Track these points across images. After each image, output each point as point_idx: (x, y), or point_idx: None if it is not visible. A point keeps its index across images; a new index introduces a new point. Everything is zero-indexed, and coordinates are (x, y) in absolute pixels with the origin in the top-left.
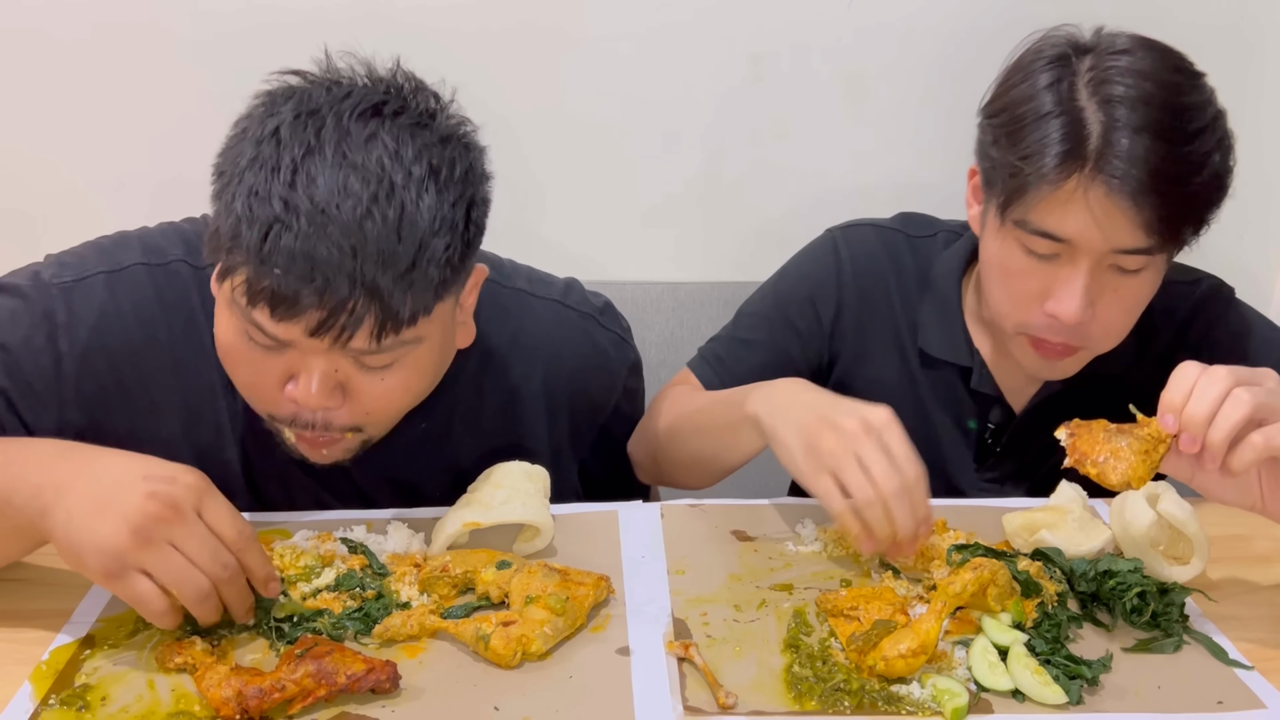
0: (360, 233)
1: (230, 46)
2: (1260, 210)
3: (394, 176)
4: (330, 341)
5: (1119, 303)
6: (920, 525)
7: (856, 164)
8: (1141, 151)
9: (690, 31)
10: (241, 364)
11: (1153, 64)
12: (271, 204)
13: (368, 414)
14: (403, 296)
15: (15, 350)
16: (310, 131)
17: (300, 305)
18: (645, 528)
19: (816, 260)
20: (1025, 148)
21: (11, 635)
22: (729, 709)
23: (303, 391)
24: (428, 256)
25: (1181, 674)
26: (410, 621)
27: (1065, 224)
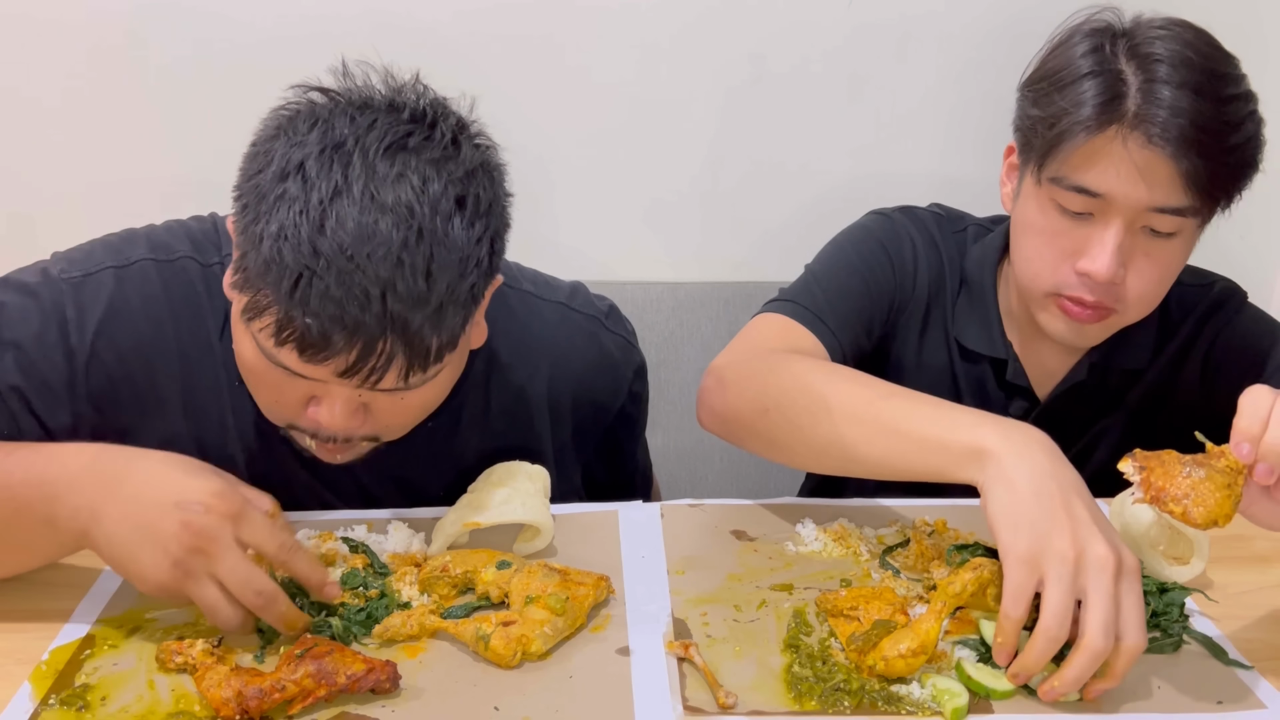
0: (392, 277)
1: (233, 48)
2: (1260, 210)
3: (422, 218)
4: (359, 383)
5: (1151, 267)
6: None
7: (857, 164)
8: (1183, 105)
9: (691, 32)
10: (263, 386)
11: (1190, 37)
12: (301, 249)
13: (387, 426)
14: (431, 336)
15: (29, 348)
16: (338, 170)
17: (330, 350)
18: (645, 528)
19: (885, 235)
20: (1066, 101)
21: (11, 635)
22: (729, 709)
23: (326, 416)
24: (454, 297)
25: (1181, 674)
26: (410, 621)
27: (1101, 178)
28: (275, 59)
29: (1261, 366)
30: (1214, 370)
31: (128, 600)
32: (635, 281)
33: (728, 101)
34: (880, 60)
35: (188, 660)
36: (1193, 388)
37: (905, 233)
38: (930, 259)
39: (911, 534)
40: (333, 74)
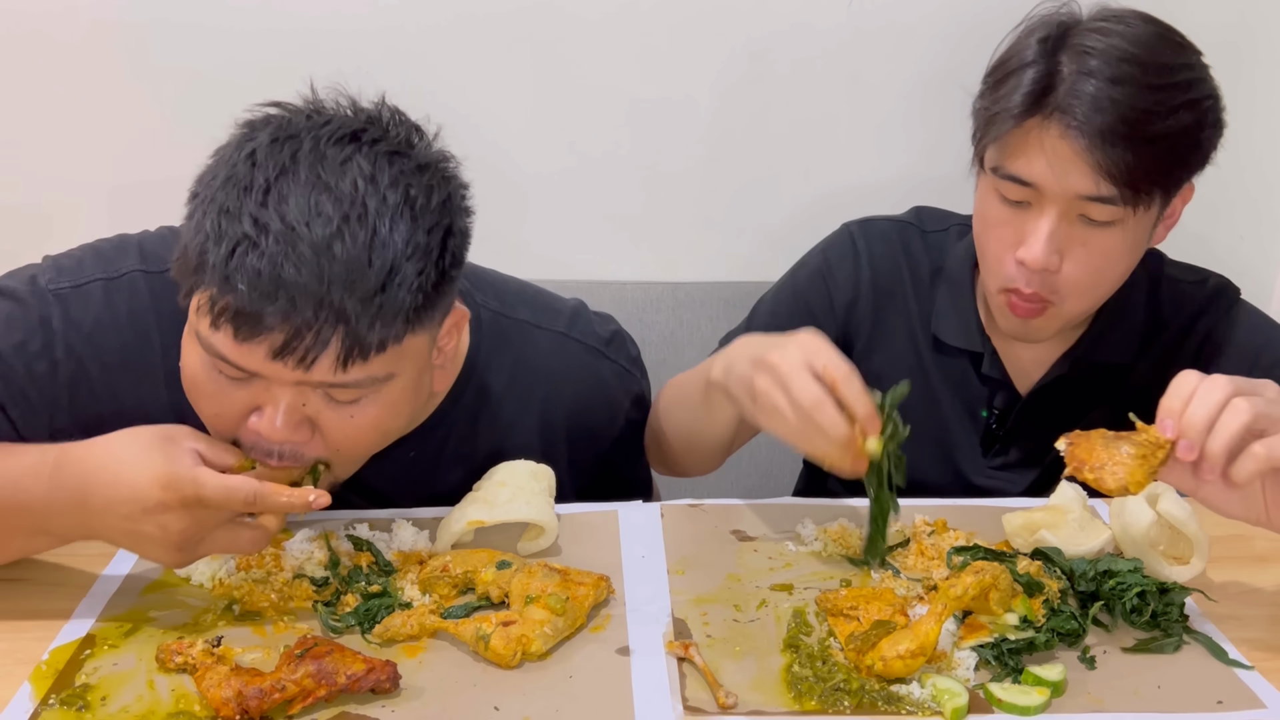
0: (329, 253)
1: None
2: (1260, 210)
3: (367, 200)
4: (294, 365)
5: (1088, 256)
6: (865, 422)
7: (856, 163)
8: (1104, 99)
9: (691, 32)
10: (205, 396)
11: (1142, 31)
12: (241, 221)
13: (337, 450)
14: (370, 321)
15: (9, 357)
16: (286, 153)
17: (263, 325)
18: (645, 528)
19: (833, 251)
20: (1002, 92)
21: (11, 635)
22: (729, 709)
23: (267, 424)
24: (398, 281)
25: (1181, 674)
26: (410, 621)
27: (1026, 166)
28: (277, 60)
29: (1253, 363)
30: (1204, 367)
31: (128, 600)
32: (635, 281)
33: (728, 101)
34: (880, 60)
35: (188, 660)
36: None
37: (853, 247)
38: (885, 266)
39: (911, 534)
40: (300, 98)
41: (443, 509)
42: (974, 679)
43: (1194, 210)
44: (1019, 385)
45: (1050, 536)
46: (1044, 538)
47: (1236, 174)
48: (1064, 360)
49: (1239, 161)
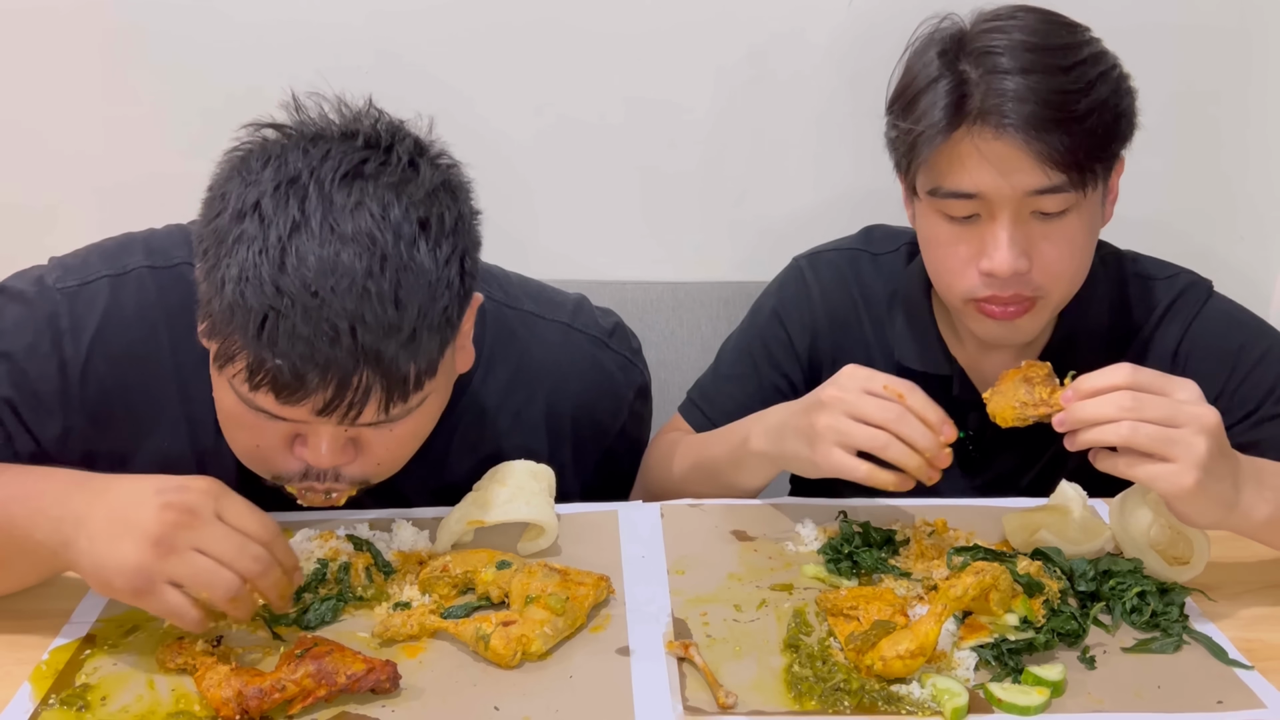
0: (358, 309)
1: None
2: (1260, 211)
3: (385, 245)
4: (339, 419)
5: (1054, 248)
6: (942, 429)
7: (856, 164)
8: (1024, 90)
9: (690, 31)
10: (243, 429)
11: (1026, 20)
12: (264, 290)
13: (379, 464)
14: (407, 364)
15: (20, 358)
16: (294, 205)
17: (306, 389)
18: (645, 527)
19: (787, 290)
20: (916, 114)
21: (11, 635)
22: (729, 709)
23: (313, 454)
24: (427, 323)
25: (1181, 674)
26: (410, 621)
27: (968, 178)
28: (278, 62)
29: (1233, 366)
30: (1182, 368)
31: None
32: (635, 281)
33: (728, 101)
34: (880, 60)
35: (188, 660)
36: None
37: (804, 285)
38: (838, 300)
39: (912, 534)
40: (285, 109)
41: (443, 509)
42: (974, 679)
43: (1193, 211)
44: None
45: (1049, 536)
46: (1043, 538)
47: (1236, 174)
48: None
49: (1238, 162)
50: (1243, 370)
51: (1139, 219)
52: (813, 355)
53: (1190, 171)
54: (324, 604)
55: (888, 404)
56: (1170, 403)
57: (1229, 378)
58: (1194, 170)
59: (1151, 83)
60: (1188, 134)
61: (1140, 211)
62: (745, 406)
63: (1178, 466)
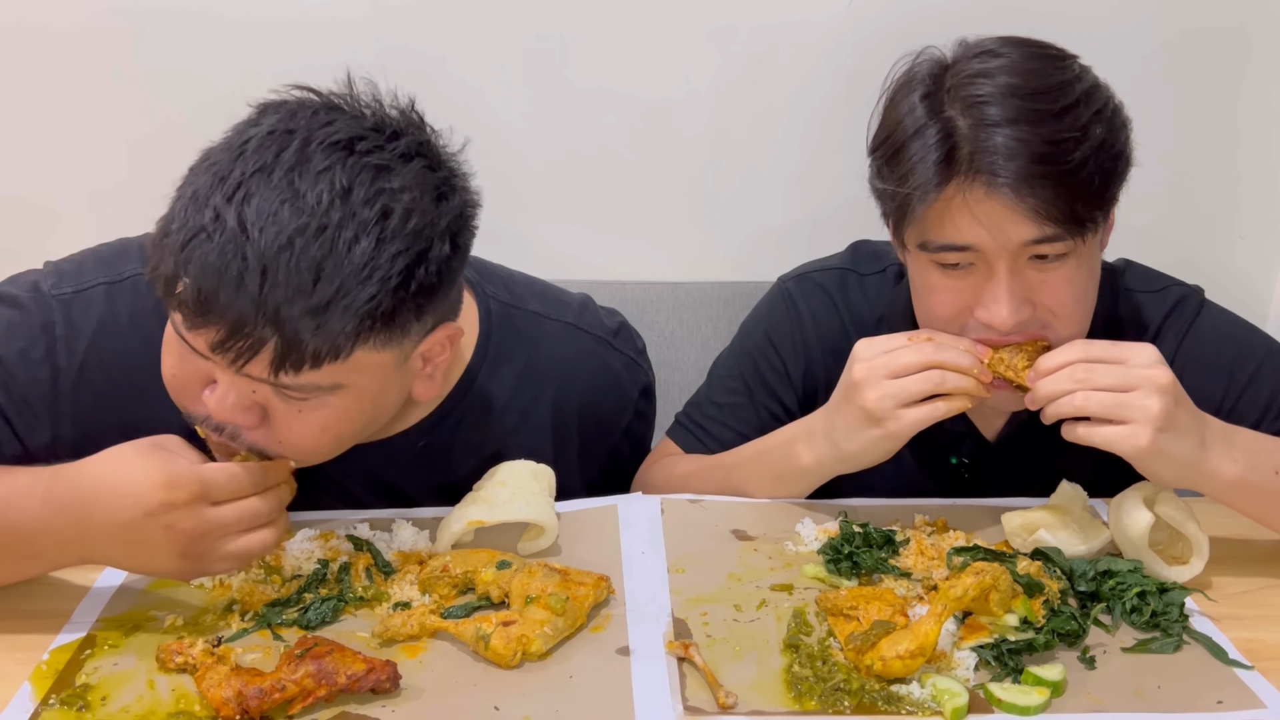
0: (274, 261)
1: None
2: (1259, 212)
3: (331, 214)
4: (229, 361)
5: (1054, 292)
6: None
7: (855, 164)
8: (1014, 143)
9: (690, 31)
10: (170, 353)
11: (1012, 58)
12: (202, 211)
13: (281, 444)
14: (308, 335)
15: (11, 363)
16: (272, 151)
17: (204, 318)
18: (645, 522)
19: (776, 316)
20: (904, 168)
21: (11, 635)
22: (729, 709)
23: (215, 400)
24: (345, 303)
25: (1181, 674)
26: (410, 621)
27: (960, 233)
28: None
29: (1230, 378)
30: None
31: (128, 600)
32: (635, 281)
33: (728, 101)
34: (880, 60)
35: (188, 660)
36: None
37: (794, 311)
38: (827, 325)
39: (912, 534)
40: (335, 83)
41: (443, 509)
42: (974, 679)
43: (1193, 212)
44: (984, 430)
45: (1049, 536)
46: (1043, 538)
47: (1235, 175)
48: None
49: (1238, 163)
50: (1239, 385)
51: (1137, 223)
52: (807, 380)
53: (1188, 174)
54: (324, 604)
55: (918, 345)
56: (1122, 370)
57: (1225, 393)
58: (1192, 173)
59: (1150, 84)
60: (1186, 137)
61: (1138, 216)
62: (740, 433)
63: (1133, 427)
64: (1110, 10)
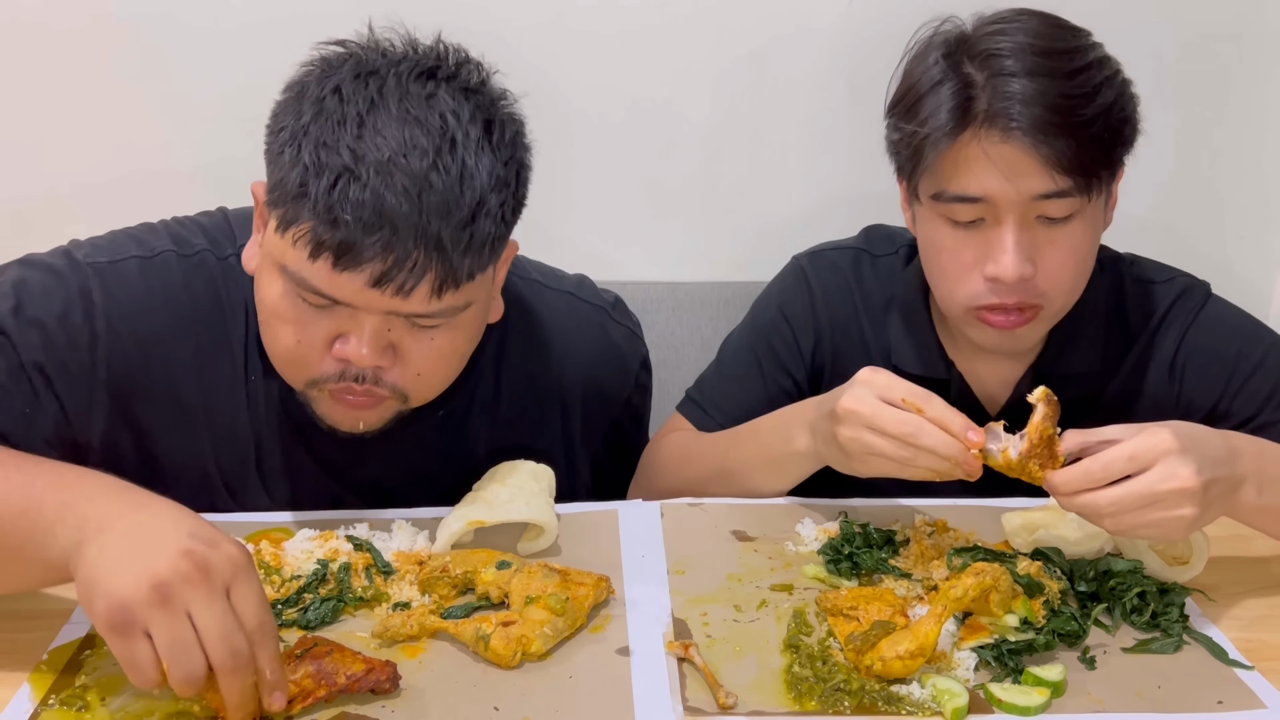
0: (426, 184)
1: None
2: (1258, 211)
3: (455, 134)
4: (391, 294)
5: (1058, 253)
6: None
7: (856, 164)
8: (1030, 92)
9: (690, 31)
10: (288, 324)
11: (1029, 24)
12: (340, 154)
13: (418, 375)
14: (463, 251)
15: (51, 326)
16: (372, 89)
17: (365, 255)
18: (645, 527)
19: (788, 290)
20: (921, 117)
21: (11, 635)
22: (729, 709)
23: (354, 349)
24: (485, 211)
25: (1181, 674)
26: (410, 621)
27: (974, 182)
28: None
29: (1231, 371)
30: (1182, 377)
31: None
32: (635, 281)
33: (728, 101)
34: (879, 61)
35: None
36: (1160, 393)
37: (806, 286)
38: (839, 302)
39: (912, 534)
40: (359, 37)
41: (443, 509)
42: (974, 679)
43: (1193, 211)
44: (988, 407)
45: (1049, 536)
46: (1043, 538)
47: (1236, 174)
48: (1028, 376)
49: (1238, 161)
50: (1241, 376)
51: (1138, 220)
52: (816, 355)
53: (1189, 172)
54: (324, 604)
55: (906, 417)
56: (1148, 482)
57: (1227, 384)
58: (1193, 171)
59: (1151, 83)
60: (1187, 134)
61: (1140, 212)
62: (750, 408)
63: (1168, 530)
64: (1112, 9)
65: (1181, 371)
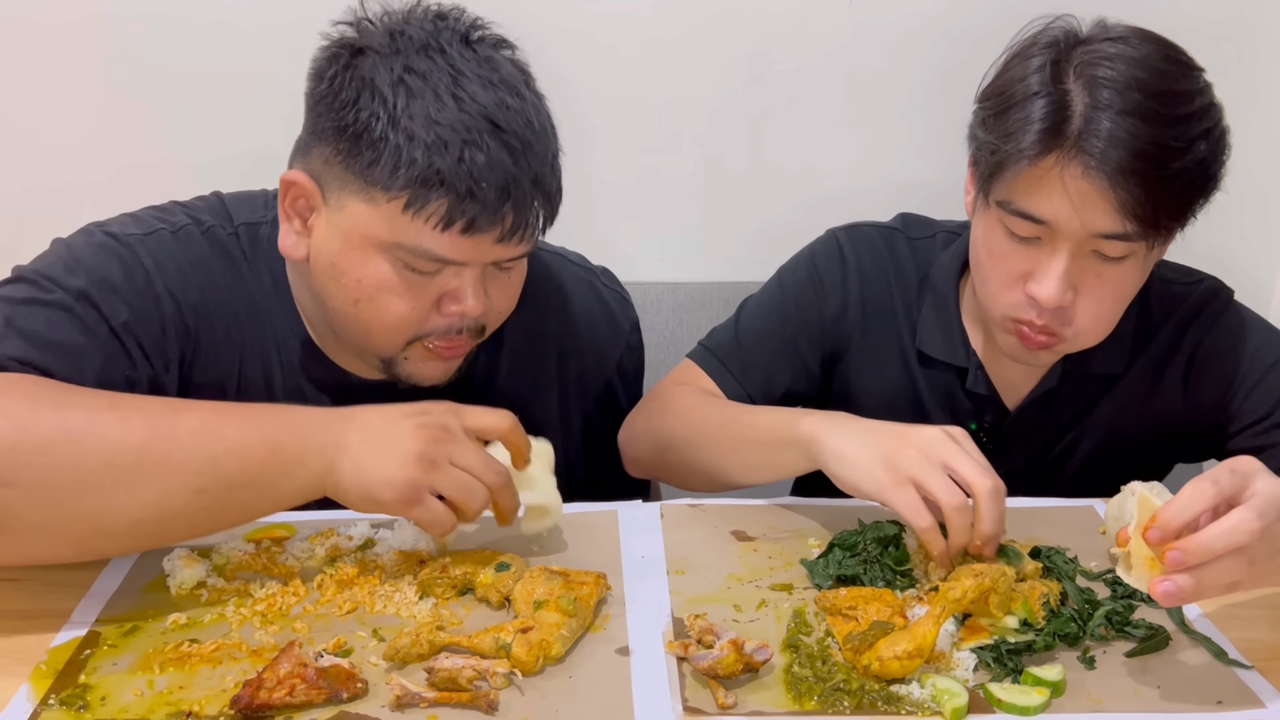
0: (526, 135)
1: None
2: (1260, 211)
3: (520, 87)
4: (516, 242)
5: (1102, 291)
6: (985, 544)
7: (856, 164)
8: (1122, 134)
9: (690, 31)
10: (399, 296)
11: (1146, 52)
12: (454, 128)
13: (498, 310)
14: (556, 189)
15: (124, 290)
16: (442, 62)
17: (498, 215)
18: (645, 528)
19: (822, 259)
20: (1009, 126)
21: (11, 635)
22: (729, 709)
23: (469, 305)
24: (554, 150)
25: (1181, 674)
26: (421, 639)
27: (1043, 205)
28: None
29: (1245, 370)
30: (1195, 377)
31: (128, 600)
32: (635, 281)
33: (727, 101)
34: (880, 60)
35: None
36: (1174, 395)
37: (840, 256)
38: (873, 276)
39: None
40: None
41: None
42: (973, 679)
43: None
44: (1007, 400)
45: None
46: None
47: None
48: (1054, 372)
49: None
50: (1255, 376)
51: None
52: (839, 329)
53: None
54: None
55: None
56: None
57: (1241, 383)
58: None
59: None
60: None
61: None
62: (766, 364)
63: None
64: (1111, 9)
65: (1196, 374)
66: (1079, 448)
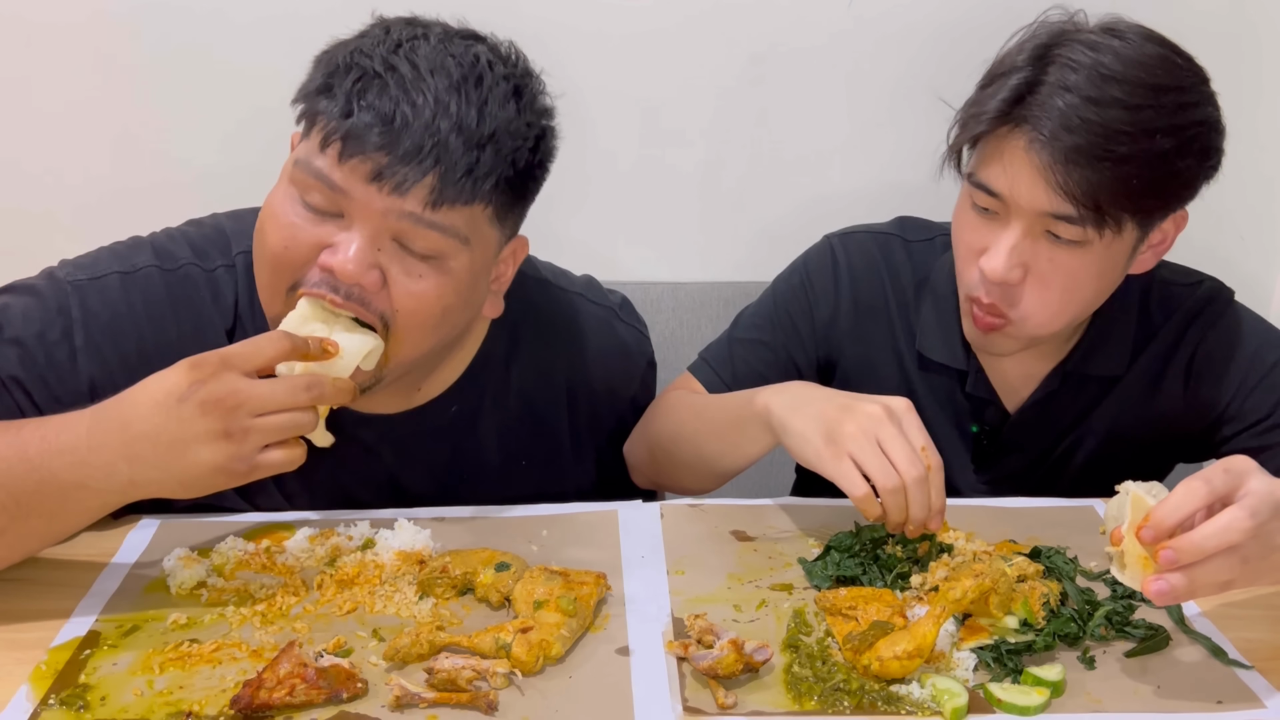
0: (444, 100)
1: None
2: (1260, 211)
3: (484, 75)
4: (389, 190)
5: (1052, 275)
6: (934, 516)
7: (856, 164)
8: (1072, 116)
9: (690, 31)
10: (280, 226)
11: (1139, 49)
12: (372, 60)
13: (397, 310)
14: (466, 170)
15: (30, 345)
16: (418, 29)
17: (370, 144)
18: (645, 528)
19: (814, 265)
20: (983, 98)
21: (11, 635)
22: (729, 709)
23: (340, 258)
24: (496, 146)
25: (1181, 674)
26: (421, 639)
27: (998, 177)
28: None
29: (1245, 371)
30: (1196, 378)
31: (128, 600)
32: (635, 281)
33: (728, 101)
34: (880, 60)
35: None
36: (1175, 396)
37: (832, 261)
38: (866, 280)
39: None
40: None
41: (444, 509)
42: (973, 679)
43: (1193, 210)
44: (1007, 402)
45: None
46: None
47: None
48: (1055, 375)
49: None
50: (1255, 377)
51: None
52: (830, 334)
53: None
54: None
55: (915, 461)
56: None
57: (1241, 383)
58: None
59: None
60: None
61: None
62: (756, 370)
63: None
64: (1110, 9)
65: (1196, 375)
66: (1080, 449)
